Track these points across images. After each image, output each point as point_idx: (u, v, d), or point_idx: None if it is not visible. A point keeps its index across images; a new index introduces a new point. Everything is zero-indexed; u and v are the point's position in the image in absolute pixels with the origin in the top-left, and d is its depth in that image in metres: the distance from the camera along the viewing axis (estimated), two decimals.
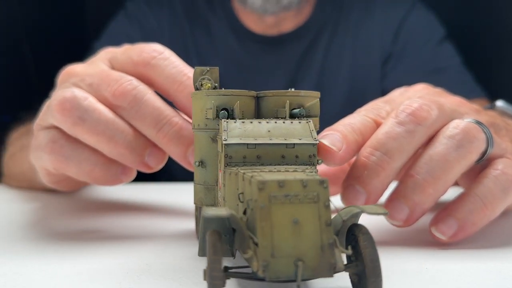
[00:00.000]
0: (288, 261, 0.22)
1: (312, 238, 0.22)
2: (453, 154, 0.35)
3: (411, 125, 0.35)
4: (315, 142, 0.30)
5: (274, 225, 0.22)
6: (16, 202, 0.57)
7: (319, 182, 0.23)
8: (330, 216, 0.23)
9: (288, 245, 0.22)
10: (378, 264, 0.23)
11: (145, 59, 0.41)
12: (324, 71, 0.86)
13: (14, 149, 0.69)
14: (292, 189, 0.23)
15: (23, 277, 0.30)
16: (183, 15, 0.89)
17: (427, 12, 0.90)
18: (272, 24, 0.84)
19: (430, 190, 0.34)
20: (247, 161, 0.30)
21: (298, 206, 0.23)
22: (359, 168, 0.36)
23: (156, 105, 0.39)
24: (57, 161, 0.40)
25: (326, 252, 0.22)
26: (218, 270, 0.22)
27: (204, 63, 0.87)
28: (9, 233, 0.42)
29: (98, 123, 0.38)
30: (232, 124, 0.31)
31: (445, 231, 0.35)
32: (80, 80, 0.41)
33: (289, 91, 0.34)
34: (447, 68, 0.85)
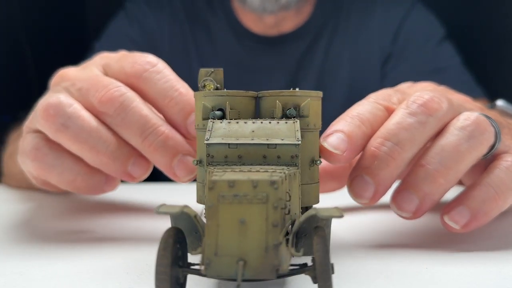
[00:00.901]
0: (231, 260, 0.22)
1: (257, 238, 0.22)
2: (464, 145, 0.35)
3: (423, 116, 0.35)
4: (297, 143, 0.30)
5: (220, 224, 0.23)
6: (16, 202, 0.57)
7: (270, 183, 0.23)
8: (279, 217, 0.23)
9: (232, 244, 0.22)
10: (327, 269, 0.22)
11: (137, 71, 0.40)
12: (324, 71, 0.86)
13: (12, 148, 0.69)
14: (242, 189, 0.23)
15: (23, 277, 0.30)
16: (183, 15, 0.89)
17: (427, 12, 0.90)
18: (272, 24, 0.84)
19: (441, 180, 0.34)
20: (229, 160, 0.30)
21: (247, 206, 0.23)
22: (368, 158, 0.35)
23: (143, 113, 0.38)
24: (40, 168, 0.40)
25: (270, 254, 0.22)
26: (165, 265, 0.23)
27: (204, 64, 0.87)
28: (8, 233, 0.42)
29: (81, 131, 0.38)
30: (217, 124, 0.31)
31: (458, 220, 0.35)
32: (70, 85, 0.41)
33: (284, 91, 0.34)
34: (447, 68, 0.84)
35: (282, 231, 0.23)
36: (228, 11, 0.87)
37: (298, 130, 0.30)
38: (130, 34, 0.86)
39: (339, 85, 0.85)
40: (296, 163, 0.30)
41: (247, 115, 0.34)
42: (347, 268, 0.32)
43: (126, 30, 0.87)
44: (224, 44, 0.86)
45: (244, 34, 0.85)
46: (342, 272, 0.31)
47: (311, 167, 0.35)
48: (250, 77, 0.82)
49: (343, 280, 0.29)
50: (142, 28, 0.87)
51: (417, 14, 0.88)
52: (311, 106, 0.34)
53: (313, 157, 0.35)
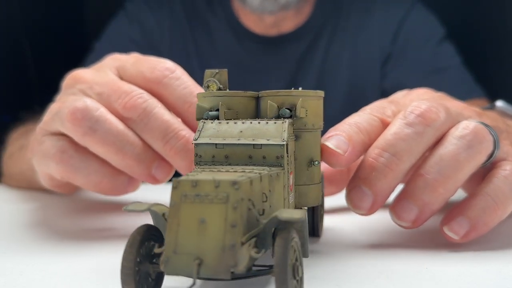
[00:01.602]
0: (188, 258, 0.22)
1: (215, 238, 0.23)
2: (463, 154, 0.35)
3: (420, 126, 0.35)
4: (282, 143, 0.29)
5: (181, 223, 0.23)
6: (16, 202, 0.56)
7: (231, 183, 0.23)
8: (239, 218, 0.23)
9: (190, 243, 0.23)
10: (284, 270, 0.22)
11: (157, 77, 0.41)
12: (324, 71, 0.86)
13: (13, 149, 0.70)
14: (204, 189, 0.23)
15: (23, 276, 0.30)
16: (183, 15, 0.89)
17: (426, 12, 0.89)
18: (272, 24, 0.84)
19: (440, 189, 0.34)
20: (216, 160, 0.30)
21: (207, 206, 0.23)
22: (366, 169, 0.35)
23: (165, 118, 0.39)
24: (66, 171, 0.41)
25: (226, 253, 0.22)
26: (129, 260, 0.23)
27: (204, 63, 0.86)
28: (8, 233, 0.42)
29: (108, 134, 0.39)
30: (208, 125, 0.32)
31: (458, 231, 0.35)
32: (88, 88, 0.42)
33: (281, 91, 0.34)
34: (447, 68, 0.83)
35: (241, 231, 0.23)
36: (228, 11, 0.87)
37: (285, 130, 0.30)
38: (130, 34, 0.87)
39: (339, 85, 0.85)
40: (281, 164, 0.30)
41: (247, 115, 0.35)
42: (347, 268, 0.32)
43: (126, 30, 0.87)
44: (224, 44, 0.87)
45: (244, 34, 0.86)
46: (343, 272, 0.31)
47: (309, 168, 0.34)
48: (250, 77, 0.81)
49: (343, 280, 0.29)
50: (142, 28, 0.88)
51: (417, 14, 0.88)
52: (310, 106, 0.34)
53: (311, 157, 0.34)
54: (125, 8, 0.90)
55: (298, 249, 0.25)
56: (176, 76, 0.41)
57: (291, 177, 0.32)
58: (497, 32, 0.99)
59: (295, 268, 0.24)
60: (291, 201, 0.32)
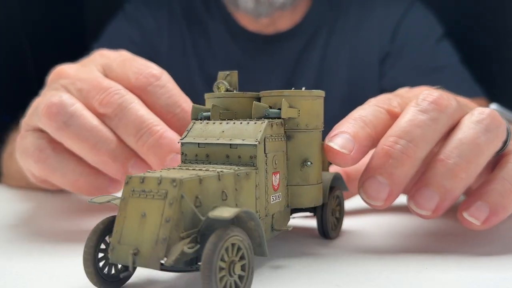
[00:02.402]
0: (128, 248, 0.24)
1: (151, 231, 0.24)
2: (482, 138, 0.34)
3: (435, 112, 0.34)
4: (255, 143, 0.30)
5: (127, 215, 0.25)
6: (16, 202, 0.56)
7: (171, 180, 0.25)
8: (173, 214, 0.24)
9: (132, 235, 0.25)
10: (210, 268, 0.23)
11: (142, 85, 0.41)
12: (322, 70, 0.84)
13: (12, 148, 0.66)
14: (149, 186, 0.25)
15: (23, 276, 0.30)
16: (181, 15, 0.89)
17: (425, 11, 0.88)
18: (267, 23, 0.84)
19: (462, 175, 0.33)
20: (199, 159, 0.32)
21: (149, 201, 0.25)
22: (381, 158, 0.33)
23: (139, 114, 0.39)
24: (43, 169, 0.41)
25: (158, 246, 0.24)
26: (89, 247, 0.26)
27: (202, 63, 0.85)
28: (8, 233, 0.42)
29: (82, 129, 0.38)
30: (197, 125, 0.33)
31: (479, 216, 0.34)
32: (70, 83, 0.41)
33: (273, 91, 0.34)
34: (445, 67, 0.82)
35: (180, 226, 0.24)
36: (224, 12, 0.87)
37: (261, 131, 0.30)
38: (129, 35, 0.87)
39: (338, 84, 0.84)
40: (254, 163, 0.30)
41: (246, 115, 0.35)
42: (347, 268, 0.32)
43: (125, 30, 0.88)
44: (221, 44, 0.87)
45: (240, 34, 0.86)
46: (343, 272, 0.31)
47: (302, 169, 0.34)
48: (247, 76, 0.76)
49: (343, 280, 0.29)
50: (140, 29, 0.88)
51: (415, 13, 0.87)
52: (303, 106, 0.34)
53: (305, 158, 0.34)
54: (124, 9, 0.91)
55: (246, 247, 0.26)
56: (160, 83, 0.41)
57: (275, 177, 0.32)
58: (497, 31, 0.97)
59: (232, 266, 0.24)
60: (275, 200, 0.32)
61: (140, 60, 0.43)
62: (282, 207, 0.33)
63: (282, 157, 0.33)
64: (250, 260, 0.26)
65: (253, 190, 0.30)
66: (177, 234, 0.24)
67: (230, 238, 0.24)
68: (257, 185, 0.30)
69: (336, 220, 0.40)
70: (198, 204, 0.26)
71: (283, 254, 0.34)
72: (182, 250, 0.24)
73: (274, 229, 0.33)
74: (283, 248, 0.36)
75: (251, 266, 0.26)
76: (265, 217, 0.31)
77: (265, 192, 0.31)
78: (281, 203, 0.33)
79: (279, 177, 0.33)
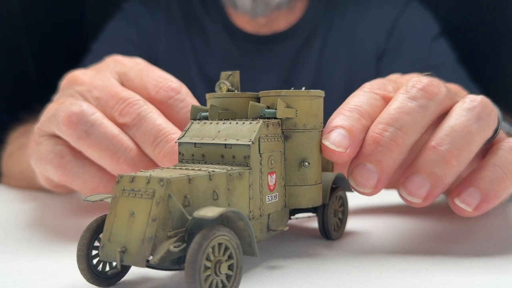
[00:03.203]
0: (117, 246, 0.25)
1: (139, 230, 0.25)
2: (474, 126, 0.34)
3: (423, 99, 0.34)
4: (248, 143, 0.30)
5: (117, 214, 0.26)
6: (16, 202, 0.56)
7: (159, 180, 0.25)
8: (159, 213, 0.24)
9: (120, 233, 0.25)
10: (193, 267, 0.23)
11: (162, 98, 0.41)
12: (319, 69, 0.85)
13: (13, 148, 0.69)
14: (138, 185, 0.26)
15: (23, 276, 0.30)
16: (179, 16, 0.89)
17: (421, 9, 0.88)
18: (264, 23, 0.84)
19: (454, 162, 0.33)
20: (195, 159, 0.32)
21: (138, 200, 0.25)
22: (370, 145, 0.33)
23: (157, 123, 0.39)
24: (63, 175, 0.41)
25: (144, 244, 0.24)
26: (82, 243, 0.27)
27: (200, 63, 0.85)
28: (8, 233, 0.41)
29: (102, 138, 0.39)
30: (194, 125, 0.33)
31: (470, 202, 0.34)
32: (86, 90, 0.42)
33: (271, 91, 0.34)
34: (441, 65, 0.82)
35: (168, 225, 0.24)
36: (221, 12, 0.87)
37: (255, 131, 0.30)
38: (128, 35, 0.87)
39: (335, 83, 0.84)
40: (248, 163, 0.30)
41: (245, 115, 0.35)
42: (347, 268, 0.32)
43: (123, 30, 0.88)
44: (218, 44, 0.87)
45: (237, 34, 0.86)
46: (343, 272, 0.31)
47: (300, 169, 0.34)
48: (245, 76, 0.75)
49: (343, 280, 0.29)
50: (139, 28, 0.88)
51: (411, 11, 0.87)
52: (300, 106, 0.34)
53: (303, 158, 0.34)
54: (123, 9, 0.91)
55: (234, 247, 0.26)
56: (180, 97, 0.42)
57: (271, 177, 0.32)
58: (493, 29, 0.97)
59: (218, 265, 0.24)
60: (271, 201, 0.32)
61: (157, 70, 0.44)
62: (279, 207, 0.33)
63: (279, 157, 0.33)
64: (238, 260, 0.26)
65: (246, 190, 0.30)
66: (164, 233, 0.25)
67: (216, 237, 0.24)
68: (251, 185, 0.30)
69: (339, 221, 0.40)
70: (187, 203, 0.26)
71: (283, 254, 0.34)
72: (168, 249, 0.24)
73: (270, 229, 0.33)
74: (283, 248, 0.36)
75: (239, 266, 0.26)
76: (259, 217, 0.31)
77: (259, 192, 0.31)
78: (277, 203, 0.33)
79: (276, 177, 0.33)
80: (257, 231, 0.31)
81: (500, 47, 0.94)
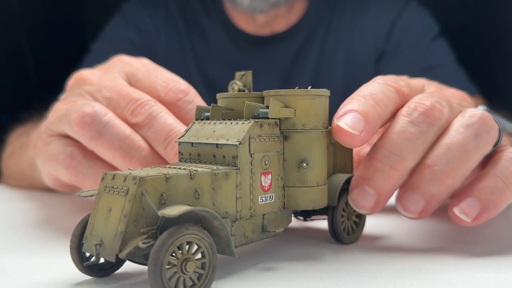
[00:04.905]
0: (96, 240, 0.26)
1: (114, 225, 0.26)
2: (472, 144, 0.34)
3: (425, 125, 0.34)
4: (235, 144, 0.30)
5: (98, 209, 0.27)
6: (16, 202, 0.55)
7: (132, 178, 0.26)
8: (130, 210, 0.25)
9: (100, 227, 0.27)
10: (154, 263, 0.24)
11: (171, 100, 0.42)
12: (318, 69, 0.84)
13: (13, 147, 0.69)
14: (117, 182, 0.27)
15: (23, 276, 0.30)
16: (178, 16, 0.88)
17: (420, 10, 0.88)
18: (264, 23, 0.83)
19: (448, 181, 0.33)
20: (192, 158, 0.33)
21: (115, 197, 0.26)
22: (369, 169, 0.34)
23: (168, 122, 0.40)
24: (74, 176, 0.41)
25: (116, 239, 0.25)
26: (74, 236, 0.28)
27: (199, 64, 0.85)
28: (8, 233, 0.41)
29: (115, 138, 0.39)
30: (195, 125, 0.34)
31: (469, 212, 0.34)
32: (96, 90, 0.42)
33: (271, 91, 0.34)
34: (440, 66, 0.82)
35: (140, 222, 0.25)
36: (221, 12, 0.87)
37: (244, 131, 0.30)
38: (128, 35, 0.87)
39: (334, 83, 0.83)
40: (236, 163, 0.30)
41: None
42: (347, 268, 0.32)
43: (123, 31, 0.87)
44: (218, 44, 0.86)
45: (237, 34, 0.85)
46: (343, 271, 0.31)
47: (299, 170, 0.33)
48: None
49: (343, 280, 0.29)
50: (139, 29, 0.88)
51: (411, 12, 0.86)
52: (299, 105, 0.33)
53: (302, 159, 0.33)
54: (122, 9, 0.91)
55: (206, 246, 0.26)
56: (189, 99, 0.42)
57: (266, 177, 0.32)
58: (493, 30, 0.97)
59: (184, 263, 0.25)
60: (265, 201, 0.32)
61: (165, 72, 0.45)
62: (276, 208, 0.33)
63: (276, 158, 0.32)
64: (211, 259, 0.26)
65: (233, 189, 0.30)
66: (137, 229, 0.25)
67: (183, 236, 0.25)
68: (238, 185, 0.30)
69: (354, 224, 0.38)
70: (163, 201, 0.26)
71: (283, 255, 0.34)
72: (137, 245, 0.25)
73: (265, 230, 0.32)
74: (283, 249, 0.36)
75: (212, 265, 0.26)
76: (250, 217, 0.31)
77: (250, 193, 0.31)
78: (274, 204, 0.33)
79: (272, 177, 0.32)
80: (249, 231, 0.31)
81: (500, 47, 0.96)
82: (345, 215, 0.37)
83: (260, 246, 0.37)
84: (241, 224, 0.31)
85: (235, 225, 0.30)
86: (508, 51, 0.93)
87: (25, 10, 1.05)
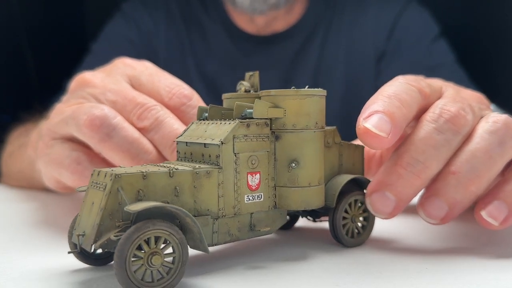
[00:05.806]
0: (80, 231, 0.29)
1: (93, 218, 0.28)
2: (496, 150, 0.34)
3: (450, 133, 0.34)
4: (218, 143, 0.31)
5: (85, 203, 0.29)
6: (16, 202, 0.55)
7: (109, 174, 0.28)
8: (106, 204, 0.27)
9: (84, 220, 0.29)
10: (119, 255, 0.25)
11: (175, 104, 0.42)
12: (319, 69, 0.83)
13: (12, 147, 0.69)
14: (99, 179, 0.29)
15: (23, 275, 0.30)
16: (178, 15, 0.87)
17: (421, 10, 0.87)
18: (264, 24, 0.83)
19: (472, 188, 0.33)
20: (187, 157, 0.34)
21: (97, 192, 0.28)
22: (392, 175, 0.34)
23: (174, 127, 0.40)
24: (80, 181, 0.42)
25: (92, 231, 0.27)
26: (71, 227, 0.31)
27: (199, 63, 0.84)
28: (9, 233, 0.41)
29: (124, 141, 0.39)
30: (193, 125, 0.35)
31: (497, 216, 0.34)
32: (100, 93, 0.42)
33: (264, 91, 0.34)
34: (440, 66, 0.81)
35: (109, 215, 0.27)
36: (221, 12, 0.86)
37: (229, 131, 0.31)
38: (128, 35, 0.86)
39: (334, 83, 0.82)
40: (218, 163, 0.31)
41: None
42: (347, 267, 0.32)
43: (123, 30, 0.87)
44: (218, 44, 0.85)
45: (237, 34, 0.84)
46: (343, 271, 0.31)
47: (290, 170, 0.33)
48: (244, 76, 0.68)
49: (343, 280, 0.30)
50: (139, 28, 0.87)
51: (411, 12, 0.85)
52: (289, 105, 0.33)
53: (293, 159, 0.33)
54: (122, 9, 0.90)
55: (175, 242, 0.27)
56: (193, 104, 0.43)
57: (253, 177, 0.32)
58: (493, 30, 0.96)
59: (150, 257, 0.26)
60: (253, 200, 0.32)
61: (168, 76, 0.45)
62: (265, 207, 0.33)
63: (265, 157, 0.33)
64: (180, 254, 0.27)
65: (215, 188, 0.31)
66: (112, 223, 0.27)
67: (150, 231, 0.26)
68: (220, 184, 0.31)
69: (361, 227, 0.37)
70: (140, 197, 0.28)
71: (284, 255, 0.35)
72: (110, 237, 0.27)
73: (254, 229, 0.33)
74: (284, 249, 0.36)
75: (182, 260, 0.27)
76: (234, 215, 0.32)
77: (234, 191, 0.31)
78: (263, 204, 0.33)
79: (260, 177, 0.32)
80: (234, 229, 0.32)
81: (500, 47, 0.94)
82: (349, 217, 0.36)
83: (260, 246, 0.37)
84: (224, 222, 0.31)
85: (217, 222, 0.31)
86: (508, 51, 0.90)
87: (25, 10, 1.04)
